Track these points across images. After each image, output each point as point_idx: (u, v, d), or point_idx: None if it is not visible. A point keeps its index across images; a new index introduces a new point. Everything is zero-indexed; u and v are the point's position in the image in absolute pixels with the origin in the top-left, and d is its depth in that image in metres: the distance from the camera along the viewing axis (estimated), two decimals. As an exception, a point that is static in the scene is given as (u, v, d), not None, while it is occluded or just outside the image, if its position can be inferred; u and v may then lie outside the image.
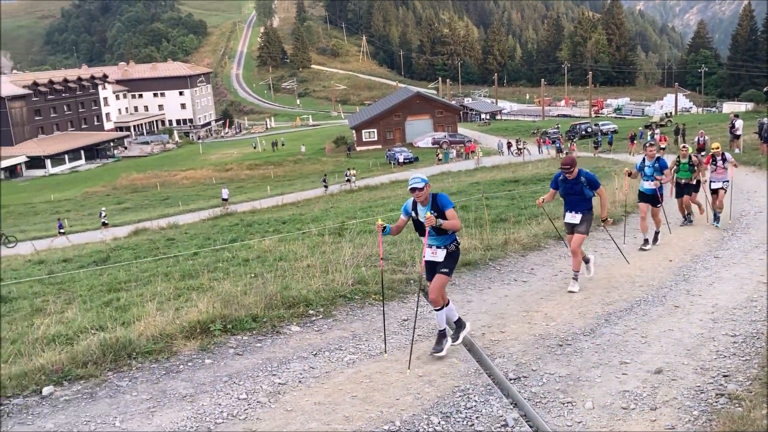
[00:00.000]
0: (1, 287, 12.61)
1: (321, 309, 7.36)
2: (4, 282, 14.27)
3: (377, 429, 4.81)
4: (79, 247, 24.66)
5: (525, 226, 12.33)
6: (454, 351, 6.21)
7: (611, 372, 5.62)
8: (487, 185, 26.09)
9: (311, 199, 37.81)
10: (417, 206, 6.10)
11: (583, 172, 8.25)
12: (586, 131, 61.63)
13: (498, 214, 15.65)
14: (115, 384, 5.56)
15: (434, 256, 6.10)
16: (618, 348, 6.15)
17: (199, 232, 23.72)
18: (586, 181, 8.17)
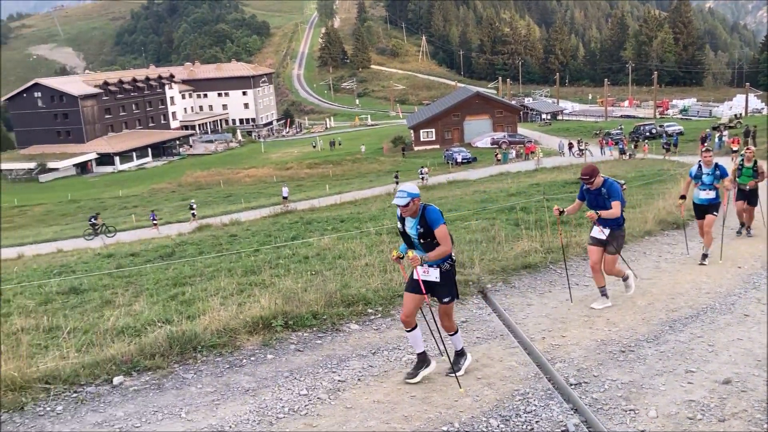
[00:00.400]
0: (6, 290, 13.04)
1: (380, 308, 7.42)
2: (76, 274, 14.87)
3: (436, 430, 4.82)
4: (145, 242, 25.46)
5: (587, 229, 12.10)
6: (514, 354, 6.17)
7: (676, 381, 5.48)
8: (547, 186, 25.70)
9: (369, 198, 38.02)
10: (405, 219, 5.57)
11: (608, 182, 7.38)
12: (650, 132, 60.04)
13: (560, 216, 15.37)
14: (181, 376, 5.75)
15: (426, 275, 5.55)
16: (683, 356, 5.99)
17: (260, 229, 24.18)
18: (607, 192, 7.32)
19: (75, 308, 10.51)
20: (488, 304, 7.76)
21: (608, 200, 7.33)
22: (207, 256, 16.04)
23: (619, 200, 7.29)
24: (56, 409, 5.16)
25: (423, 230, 5.42)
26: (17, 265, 20.98)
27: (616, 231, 7.52)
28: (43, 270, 17.48)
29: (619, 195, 7.31)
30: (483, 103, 75.09)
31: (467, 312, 7.45)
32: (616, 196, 7.29)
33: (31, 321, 8.86)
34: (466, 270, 8.96)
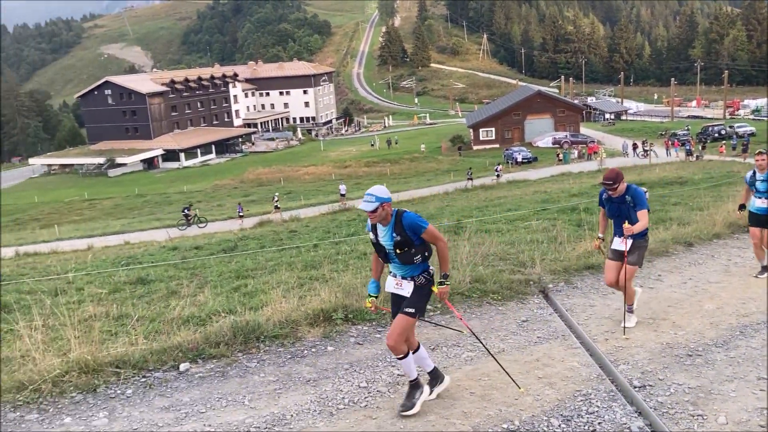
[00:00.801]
0: (78, 279, 13.50)
1: (439, 305, 7.41)
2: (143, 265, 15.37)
3: (496, 427, 4.80)
4: (209, 236, 26.10)
5: (652, 231, 11.79)
6: (575, 355, 6.07)
7: (747, 387, 5.29)
8: (610, 188, 25.13)
9: (426, 197, 37.99)
10: (377, 226, 4.98)
11: (631, 188, 6.64)
12: (719, 133, 57.95)
13: (623, 218, 15.04)
14: (245, 365, 5.88)
15: (399, 288, 5.01)
16: (755, 362, 5.78)
17: (319, 225, 24.49)
18: (631, 200, 6.59)
19: (142, 297, 10.88)
20: (549, 304, 7.66)
21: (633, 209, 6.60)
22: (268, 250, 16.35)
23: (646, 209, 6.60)
24: (126, 392, 5.36)
25: (400, 239, 4.81)
26: (87, 255, 21.81)
27: (640, 240, 6.77)
28: (112, 261, 18.14)
29: (646, 203, 6.63)
30: (545, 102, 74.00)
31: (528, 311, 7.37)
32: (643, 204, 6.59)
33: (101, 308, 9.21)
34: (526, 269, 8.87)
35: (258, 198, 51.50)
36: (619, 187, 6.57)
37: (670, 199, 18.54)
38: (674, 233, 11.06)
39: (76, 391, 5.31)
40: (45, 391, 5.27)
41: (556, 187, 31.27)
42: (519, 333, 6.73)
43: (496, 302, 7.58)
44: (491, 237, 12.25)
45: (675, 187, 23.76)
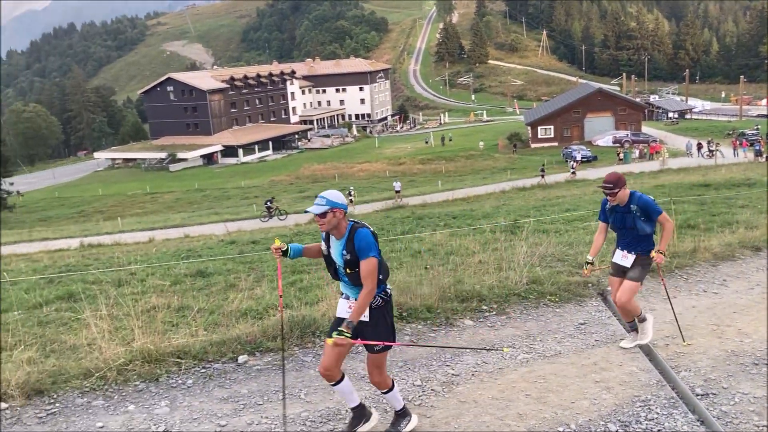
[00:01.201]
0: (140, 271, 13.79)
1: (494, 305, 7.36)
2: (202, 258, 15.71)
3: (551, 430, 4.74)
4: (265, 231, 26.52)
5: (717, 234, 11.42)
6: (634, 359, 5.94)
7: (817, 399, 5.08)
8: (673, 188, 24.47)
9: (482, 196, 37.68)
10: (331, 237, 4.44)
11: (636, 196, 5.89)
12: (791, 133, 55.65)
13: (686, 220, 14.61)
14: (301, 359, 5.97)
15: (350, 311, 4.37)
16: (826, 373, 5.54)
17: (372, 222, 24.54)
18: (638, 209, 5.84)
19: (202, 290, 11.12)
20: (608, 307, 7.51)
21: (640, 220, 5.86)
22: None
23: (662, 212, 5.88)
24: (187, 382, 5.51)
25: (350, 258, 4.29)
26: (148, 247, 22.45)
27: (645, 256, 6.01)
28: (172, 253, 18.61)
29: (658, 206, 5.88)
30: (605, 100, 72.46)
31: (586, 314, 7.24)
32: (656, 210, 5.84)
33: (163, 300, 9.47)
34: (584, 271, 8.70)
35: (311, 194, 51.99)
36: (620, 194, 5.82)
37: (736, 201, 17.89)
38: (741, 237, 10.69)
39: (139, 380, 5.49)
40: (110, 378, 5.46)
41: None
42: (576, 336, 6.62)
43: (553, 304, 7.48)
44: (549, 237, 12.08)
45: (743, 189, 22.91)
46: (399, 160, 70.88)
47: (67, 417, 4.98)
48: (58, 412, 5.04)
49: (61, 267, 16.83)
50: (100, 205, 60.20)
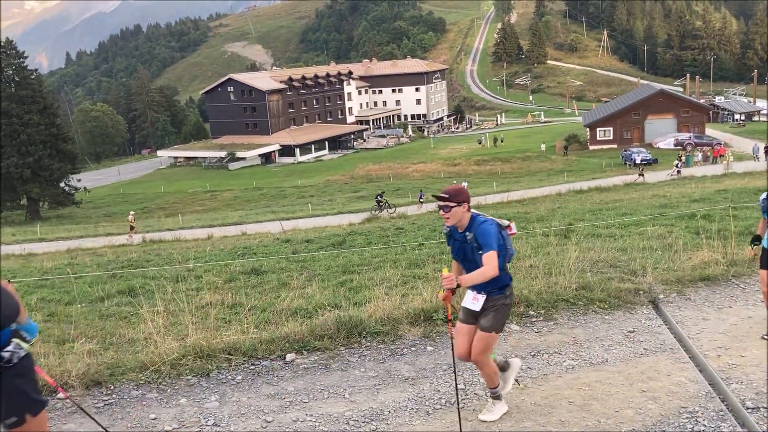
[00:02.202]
0: (198, 268, 14.11)
1: (542, 311, 7.32)
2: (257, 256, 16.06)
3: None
4: (319, 230, 26.86)
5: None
6: (683, 370, 5.84)
7: None
8: (736, 193, 23.68)
9: (537, 198, 37.24)
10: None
11: (477, 222, 4.68)
12: None
13: (747, 227, 14.15)
14: (347, 359, 6.09)
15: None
16: None
17: (425, 223, 24.58)
18: (475, 238, 4.67)
19: (255, 287, 11.39)
20: (659, 315, 7.38)
21: (478, 253, 4.65)
22: (374, 247, 16.64)
23: (494, 250, 4.56)
24: (236, 378, 5.70)
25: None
26: (206, 244, 23.05)
27: (497, 297, 4.85)
28: (229, 251, 19.07)
29: (494, 241, 4.60)
30: (667, 102, 70.55)
31: (635, 322, 7.14)
32: (489, 244, 4.56)
33: (217, 296, 9.76)
34: (637, 278, 8.58)
35: (366, 194, 52.34)
36: (457, 212, 4.66)
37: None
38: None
39: (191, 374, 5.71)
40: (164, 372, 5.69)
41: (676, 191, 29.79)
42: (624, 344, 6.54)
43: (602, 311, 7.40)
44: (602, 242, 11.91)
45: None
46: (454, 161, 70.67)
47: (123, 408, 5.23)
48: (114, 403, 5.29)
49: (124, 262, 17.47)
50: (162, 201, 62.00)
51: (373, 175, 67.59)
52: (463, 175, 60.56)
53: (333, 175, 70.11)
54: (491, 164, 65.80)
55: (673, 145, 62.31)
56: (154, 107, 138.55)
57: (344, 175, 69.52)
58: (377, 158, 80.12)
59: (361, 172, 70.31)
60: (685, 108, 70.37)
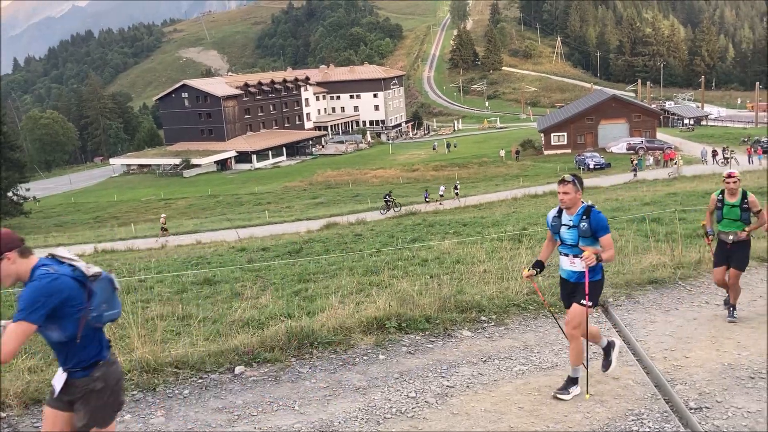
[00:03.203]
0: (149, 279, 13.91)
1: (493, 316, 7.38)
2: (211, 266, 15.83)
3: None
4: (276, 238, 26.63)
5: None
6: (631, 372, 5.94)
7: (812, 414, 5.05)
8: (685, 196, 24.32)
9: (494, 203, 37.64)
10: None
11: None
12: (807, 141, 55.12)
13: (694, 230, 14.53)
14: (297, 370, 6.02)
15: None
16: (823, 388, 5.51)
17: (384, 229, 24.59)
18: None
19: (207, 298, 11.21)
20: (608, 319, 7.51)
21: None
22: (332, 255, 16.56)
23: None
24: (183, 392, 5.57)
25: None
26: (160, 254, 22.63)
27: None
28: (182, 260, 18.75)
29: None
30: (620, 107, 72.09)
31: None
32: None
33: (168, 308, 9.57)
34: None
35: (325, 200, 52.17)
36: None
37: (747, 210, 17.75)
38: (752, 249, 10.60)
39: (136, 390, 5.57)
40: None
41: (628, 195, 30.43)
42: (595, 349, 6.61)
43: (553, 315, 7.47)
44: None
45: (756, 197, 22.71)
46: (413, 167, 70.94)
47: (65, 426, 5.06)
48: (55, 421, 5.11)
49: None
50: (115, 210, 60.73)
51: (332, 182, 67.40)
52: (422, 181, 60.85)
53: (291, 182, 69.67)
54: (449, 169, 66.25)
55: (625, 149, 63.63)
56: (107, 114, 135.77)
57: (302, 182, 69.14)
58: (336, 164, 79.95)
59: (319, 178, 70.05)
60: (637, 113, 71.99)
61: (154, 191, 71.87)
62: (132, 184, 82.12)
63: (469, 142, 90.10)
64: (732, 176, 7.36)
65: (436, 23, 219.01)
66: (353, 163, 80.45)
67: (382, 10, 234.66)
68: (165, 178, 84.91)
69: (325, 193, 58.98)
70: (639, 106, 76.86)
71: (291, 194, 60.96)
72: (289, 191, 63.56)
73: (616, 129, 69.83)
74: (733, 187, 7.29)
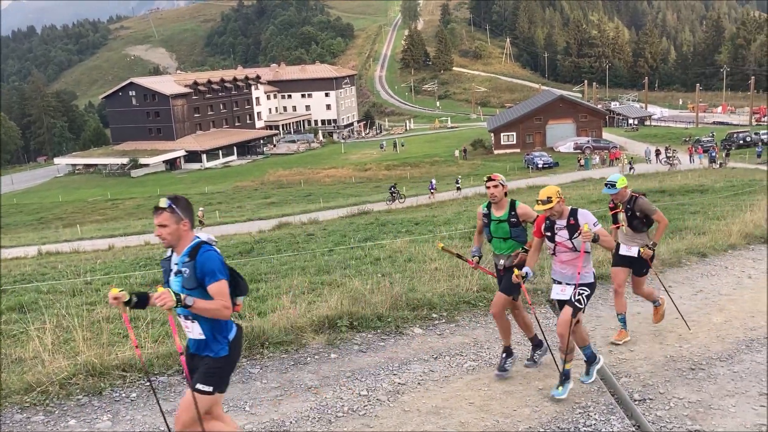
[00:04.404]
0: (95, 281, 13.65)
1: (444, 313, 7.45)
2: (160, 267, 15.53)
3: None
4: (227, 238, 26.28)
5: (666, 241, 11.72)
6: (578, 366, 6.07)
7: (748, 403, 5.26)
8: (629, 195, 24.90)
9: (446, 202, 37.96)
10: None
11: None
12: (744, 141, 57.19)
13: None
14: (248, 371, 5.97)
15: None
16: (758, 378, 5.74)
17: (336, 229, 24.52)
18: None
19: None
20: (555, 314, 7.65)
21: None
22: (284, 254, 16.45)
23: None
24: (131, 395, 5.46)
25: None
26: (108, 255, 22.10)
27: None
28: (131, 262, 18.36)
29: None
30: (567, 107, 73.54)
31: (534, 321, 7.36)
32: None
33: (114, 311, 9.36)
34: (536, 278, 8.86)
35: (277, 200, 51.77)
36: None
37: (689, 207, 18.36)
38: (688, 243, 10.99)
39: (82, 394, 5.43)
40: (52, 393, 5.39)
41: (576, 193, 31.06)
42: (523, 343, 6.73)
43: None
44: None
45: (695, 195, 23.50)
46: (365, 166, 70.94)
47: (6, 433, 4.91)
48: (-4, 429, 4.96)
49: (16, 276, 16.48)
50: (60, 211, 58.99)
51: (284, 181, 66.88)
52: (374, 180, 60.94)
53: (242, 182, 68.86)
54: (401, 169, 66.50)
55: (572, 148, 64.98)
56: (51, 112, 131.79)
57: (254, 181, 68.42)
58: (288, 163, 79.36)
59: (271, 177, 69.43)
60: (584, 113, 73.55)
61: (100, 191, 70.11)
62: (77, 185, 79.95)
63: (420, 141, 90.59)
64: (493, 179, 5.93)
65: (387, 23, 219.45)
66: (305, 162, 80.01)
67: (334, 9, 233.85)
68: (112, 178, 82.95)
69: (277, 192, 58.51)
70: (585, 107, 78.53)
71: (242, 194, 60.27)
72: (240, 191, 62.84)
73: (563, 129, 71.21)
74: (494, 193, 5.86)
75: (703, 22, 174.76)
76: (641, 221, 6.89)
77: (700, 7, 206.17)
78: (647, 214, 6.82)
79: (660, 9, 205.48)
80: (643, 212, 6.82)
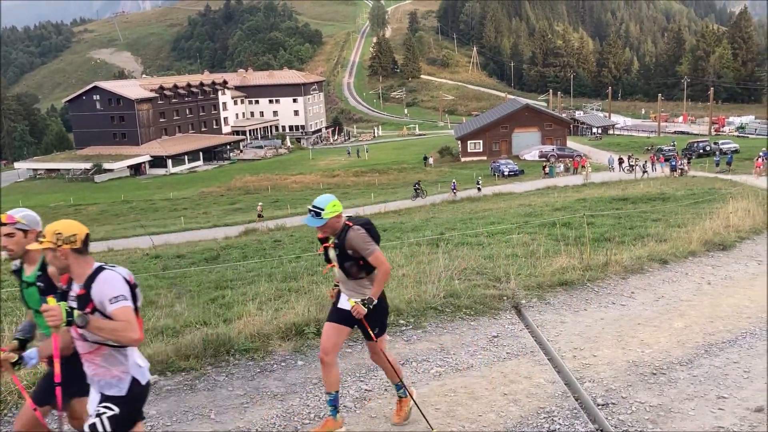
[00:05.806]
0: None
1: (411, 319, 7.47)
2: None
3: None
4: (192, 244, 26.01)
5: (629, 248, 11.93)
6: (543, 371, 6.15)
7: (707, 406, 5.39)
8: (593, 202, 25.35)
9: (413, 208, 38.11)
10: None
11: None
12: (704, 150, 58.60)
13: (602, 234, 15.17)
14: (213, 378, 5.91)
15: None
16: (716, 381, 5.88)
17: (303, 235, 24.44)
18: None
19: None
20: (521, 320, 7.74)
21: None
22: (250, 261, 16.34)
23: None
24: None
25: None
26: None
27: None
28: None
29: None
30: (532, 116, 74.49)
31: (499, 327, 7.44)
32: None
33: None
34: (501, 284, 8.95)
35: (244, 206, 51.38)
36: None
37: (651, 215, 18.71)
38: (650, 250, 11.17)
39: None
40: (11, 403, 5.27)
41: (540, 200, 31.44)
42: (489, 348, 6.79)
43: (468, 317, 7.64)
44: (471, 251, 12.34)
45: (657, 203, 23.95)
46: (333, 172, 70.87)
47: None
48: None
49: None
50: (20, 217, 57.64)
51: (250, 187, 66.38)
52: (342, 187, 60.85)
53: (208, 187, 68.19)
54: (369, 175, 66.58)
55: (537, 156, 65.80)
56: (11, 116, 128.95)
57: (220, 187, 67.80)
58: (255, 169, 78.83)
59: (238, 183, 68.88)
60: (549, 122, 74.57)
61: (63, 197, 68.80)
62: (39, 189, 78.35)
63: (388, 148, 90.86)
64: (9, 222, 3.96)
65: (355, 30, 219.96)
66: (272, 168, 79.60)
67: (302, 15, 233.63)
68: (75, 183, 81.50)
69: (244, 198, 58.06)
70: (550, 115, 79.63)
71: (208, 200, 59.68)
72: (206, 197, 62.21)
73: (529, 137, 72.07)
74: (9, 244, 3.95)
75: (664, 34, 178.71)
76: (356, 263, 4.85)
77: (662, 19, 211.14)
78: (361, 254, 4.78)
79: (623, 20, 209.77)
80: (356, 251, 4.80)
